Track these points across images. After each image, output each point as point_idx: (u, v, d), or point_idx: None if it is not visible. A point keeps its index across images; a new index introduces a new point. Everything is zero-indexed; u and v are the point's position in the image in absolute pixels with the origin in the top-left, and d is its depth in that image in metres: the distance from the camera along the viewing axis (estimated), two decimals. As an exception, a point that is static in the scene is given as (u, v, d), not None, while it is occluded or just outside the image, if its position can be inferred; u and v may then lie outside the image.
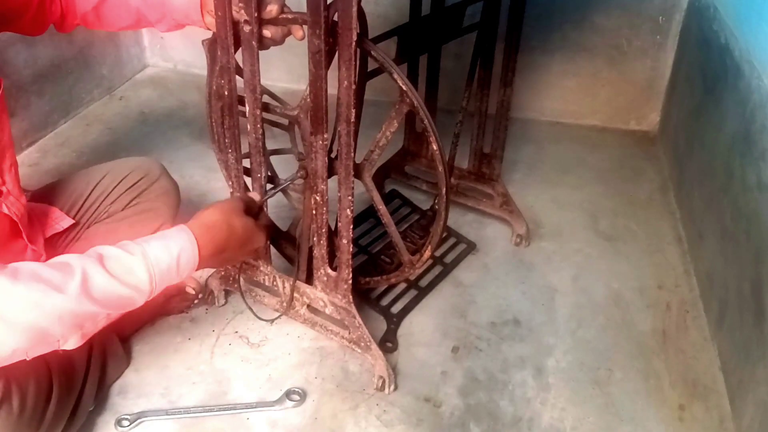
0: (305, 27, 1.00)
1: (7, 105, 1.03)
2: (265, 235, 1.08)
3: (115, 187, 1.28)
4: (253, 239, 1.05)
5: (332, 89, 1.02)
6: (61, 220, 1.19)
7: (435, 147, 1.11)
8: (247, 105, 1.11)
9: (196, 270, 0.95)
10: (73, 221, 1.22)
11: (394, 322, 1.41)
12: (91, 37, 2.23)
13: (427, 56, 1.56)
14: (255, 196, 1.14)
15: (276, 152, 1.26)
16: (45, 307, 0.79)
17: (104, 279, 0.83)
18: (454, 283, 1.54)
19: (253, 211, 1.10)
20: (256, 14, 1.01)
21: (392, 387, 1.25)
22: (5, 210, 1.00)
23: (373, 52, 1.05)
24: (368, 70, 1.28)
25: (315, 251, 1.22)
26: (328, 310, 1.27)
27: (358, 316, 1.23)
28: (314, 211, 1.17)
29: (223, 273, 1.38)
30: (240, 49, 1.07)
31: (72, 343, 0.85)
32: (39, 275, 0.79)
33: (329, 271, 1.22)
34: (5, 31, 1.11)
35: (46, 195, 1.25)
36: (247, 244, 1.04)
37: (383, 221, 1.23)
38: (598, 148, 2.13)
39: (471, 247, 1.64)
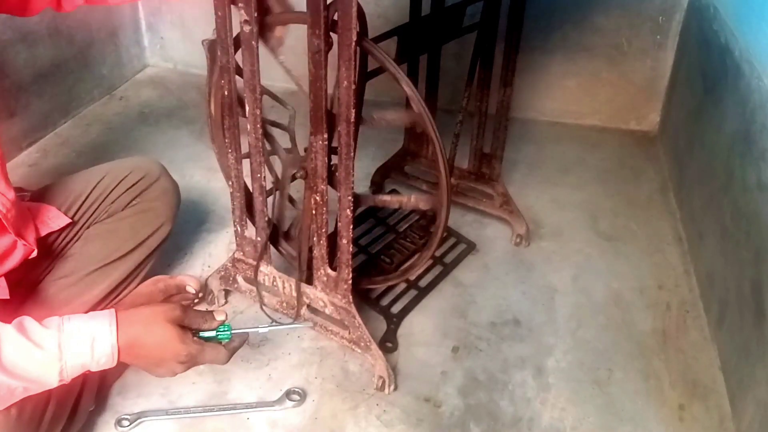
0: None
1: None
2: (183, 365, 0.96)
3: (115, 187, 1.28)
4: (173, 353, 0.94)
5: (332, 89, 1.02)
6: (56, 219, 1.19)
7: (438, 150, 1.11)
8: (247, 105, 1.11)
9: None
10: (70, 220, 1.21)
11: (394, 322, 1.41)
12: (91, 37, 2.23)
13: (427, 56, 1.56)
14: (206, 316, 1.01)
15: (276, 152, 1.26)
16: None
17: (14, 350, 0.84)
18: (454, 283, 1.54)
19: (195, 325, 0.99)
20: (256, 14, 1.01)
21: (392, 387, 1.25)
22: None
23: (374, 52, 1.05)
24: (368, 70, 1.28)
25: (315, 251, 1.22)
26: (328, 310, 1.27)
27: (358, 316, 1.23)
28: (314, 211, 1.17)
29: (223, 273, 1.39)
30: (240, 49, 1.07)
31: None
32: None
33: (329, 271, 1.22)
34: None
35: (45, 195, 1.25)
36: (165, 356, 0.94)
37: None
38: (598, 148, 2.13)
39: (471, 247, 1.64)
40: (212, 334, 1.00)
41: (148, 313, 0.94)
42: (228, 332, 1.01)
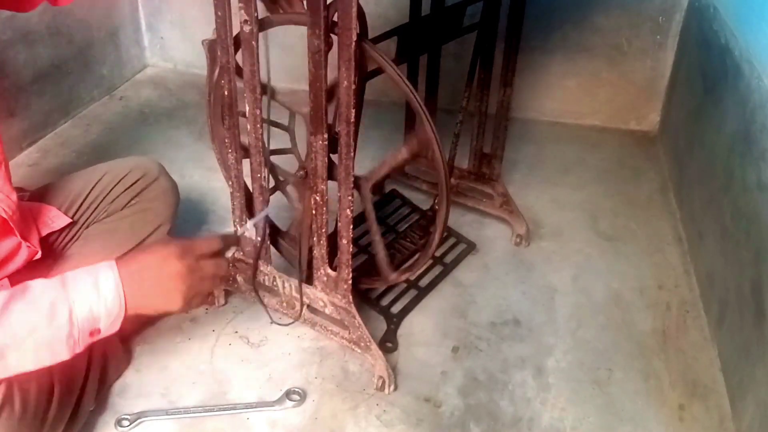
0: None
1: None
2: (209, 282, 0.98)
3: (114, 186, 1.28)
4: (187, 285, 0.95)
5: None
6: (57, 219, 1.19)
7: (437, 152, 1.11)
8: (247, 105, 1.11)
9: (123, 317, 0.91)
10: (71, 220, 1.22)
11: (394, 322, 1.41)
12: (91, 37, 2.23)
13: (427, 56, 1.56)
14: (211, 240, 1.03)
15: (276, 152, 1.26)
16: None
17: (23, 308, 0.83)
18: (454, 283, 1.54)
19: (210, 252, 1.00)
20: (256, 14, 1.01)
21: (392, 387, 1.25)
22: None
23: (373, 54, 1.05)
24: (368, 70, 1.28)
25: (315, 251, 1.22)
26: (328, 310, 1.27)
27: (358, 316, 1.23)
28: (314, 211, 1.17)
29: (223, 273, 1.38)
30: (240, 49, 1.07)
31: None
32: None
33: (329, 271, 1.22)
34: None
35: (44, 194, 1.25)
36: (176, 289, 0.94)
37: (371, 230, 1.22)
38: (598, 148, 2.13)
39: (471, 247, 1.64)
40: None
41: (142, 249, 0.99)
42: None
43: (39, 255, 1.10)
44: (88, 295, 0.86)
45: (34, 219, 1.15)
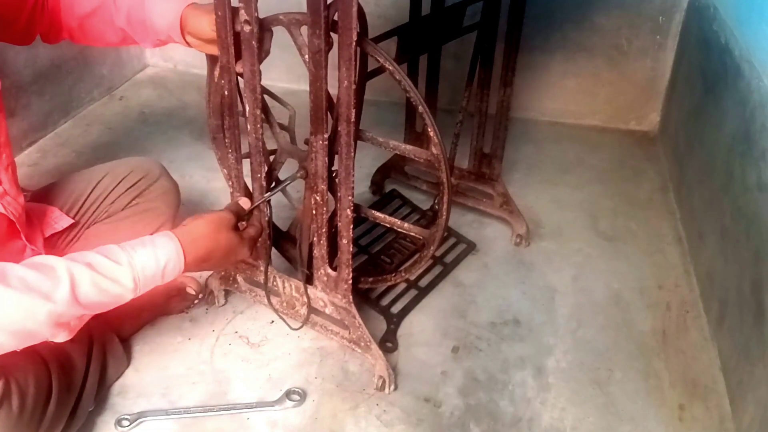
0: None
1: (6, 105, 1.03)
2: (249, 247, 1.10)
3: (115, 187, 1.28)
4: (237, 252, 1.07)
5: (332, 89, 1.02)
6: (60, 220, 1.19)
7: (438, 150, 1.11)
8: (247, 105, 1.11)
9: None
10: (73, 221, 1.22)
11: (394, 322, 1.41)
12: (91, 37, 2.23)
13: (427, 56, 1.56)
14: (245, 202, 1.15)
15: (275, 152, 1.26)
16: (36, 314, 0.81)
17: (91, 288, 0.86)
18: (454, 283, 1.54)
19: (242, 219, 1.12)
20: (256, 14, 1.01)
21: (392, 387, 1.25)
22: (2, 210, 1.00)
23: (375, 53, 1.05)
24: (368, 70, 1.28)
25: (315, 251, 1.22)
26: (328, 310, 1.27)
27: (358, 316, 1.23)
28: (314, 211, 1.17)
29: (223, 273, 1.38)
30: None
31: (62, 337, 0.89)
32: (28, 282, 0.81)
33: (329, 271, 1.22)
34: None
35: (45, 195, 1.25)
36: (230, 256, 1.06)
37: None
38: (598, 148, 2.13)
39: (471, 247, 1.64)
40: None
41: (208, 224, 1.02)
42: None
43: None
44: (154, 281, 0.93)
45: (38, 220, 1.15)
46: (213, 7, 1.02)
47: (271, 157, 1.22)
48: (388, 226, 1.24)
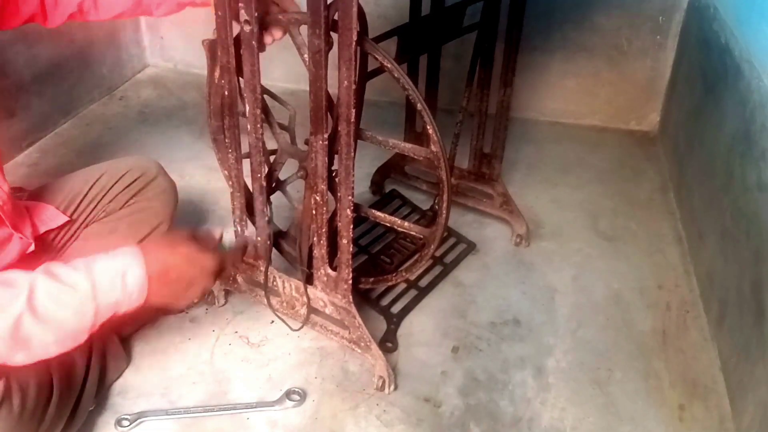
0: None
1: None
2: (213, 258, 1.05)
3: (113, 186, 1.28)
4: (200, 260, 1.03)
5: (332, 89, 1.02)
6: (55, 217, 1.19)
7: (437, 148, 1.11)
8: (247, 105, 1.11)
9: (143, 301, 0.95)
10: (68, 218, 1.22)
11: (394, 322, 1.41)
12: (91, 37, 2.23)
13: (427, 56, 1.56)
14: (216, 232, 1.13)
15: (275, 152, 1.26)
16: None
17: (47, 299, 0.85)
18: (454, 283, 1.54)
19: (210, 245, 1.09)
20: (256, 14, 1.01)
21: (392, 387, 1.25)
22: None
23: (375, 53, 1.05)
24: (368, 70, 1.28)
25: (315, 251, 1.22)
26: (328, 310, 1.27)
27: (358, 316, 1.23)
28: (314, 211, 1.17)
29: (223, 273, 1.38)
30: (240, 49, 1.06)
31: (19, 358, 0.87)
32: None
33: (329, 271, 1.22)
34: None
35: (43, 193, 1.25)
36: (195, 265, 1.02)
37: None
38: (598, 148, 2.13)
39: (471, 247, 1.64)
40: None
41: (167, 240, 1.02)
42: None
43: (32, 247, 1.09)
44: (114, 292, 0.91)
45: (31, 216, 1.15)
46: None
47: (272, 157, 1.22)
48: (388, 225, 1.24)
